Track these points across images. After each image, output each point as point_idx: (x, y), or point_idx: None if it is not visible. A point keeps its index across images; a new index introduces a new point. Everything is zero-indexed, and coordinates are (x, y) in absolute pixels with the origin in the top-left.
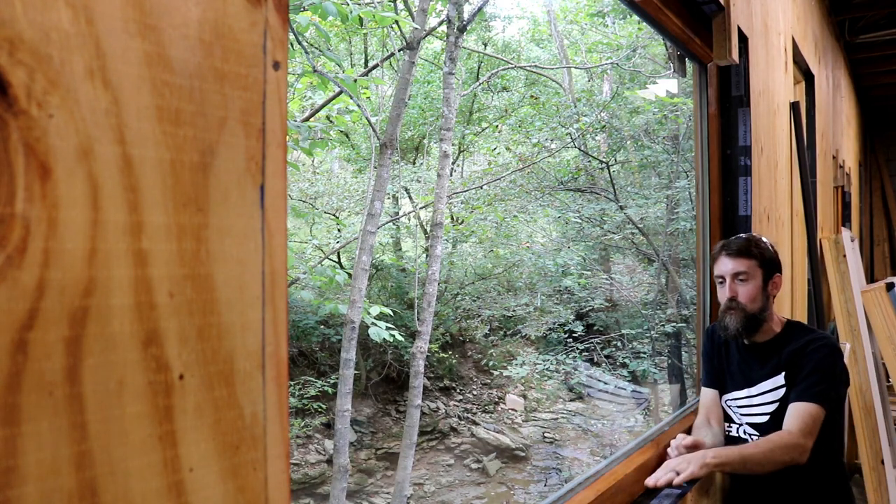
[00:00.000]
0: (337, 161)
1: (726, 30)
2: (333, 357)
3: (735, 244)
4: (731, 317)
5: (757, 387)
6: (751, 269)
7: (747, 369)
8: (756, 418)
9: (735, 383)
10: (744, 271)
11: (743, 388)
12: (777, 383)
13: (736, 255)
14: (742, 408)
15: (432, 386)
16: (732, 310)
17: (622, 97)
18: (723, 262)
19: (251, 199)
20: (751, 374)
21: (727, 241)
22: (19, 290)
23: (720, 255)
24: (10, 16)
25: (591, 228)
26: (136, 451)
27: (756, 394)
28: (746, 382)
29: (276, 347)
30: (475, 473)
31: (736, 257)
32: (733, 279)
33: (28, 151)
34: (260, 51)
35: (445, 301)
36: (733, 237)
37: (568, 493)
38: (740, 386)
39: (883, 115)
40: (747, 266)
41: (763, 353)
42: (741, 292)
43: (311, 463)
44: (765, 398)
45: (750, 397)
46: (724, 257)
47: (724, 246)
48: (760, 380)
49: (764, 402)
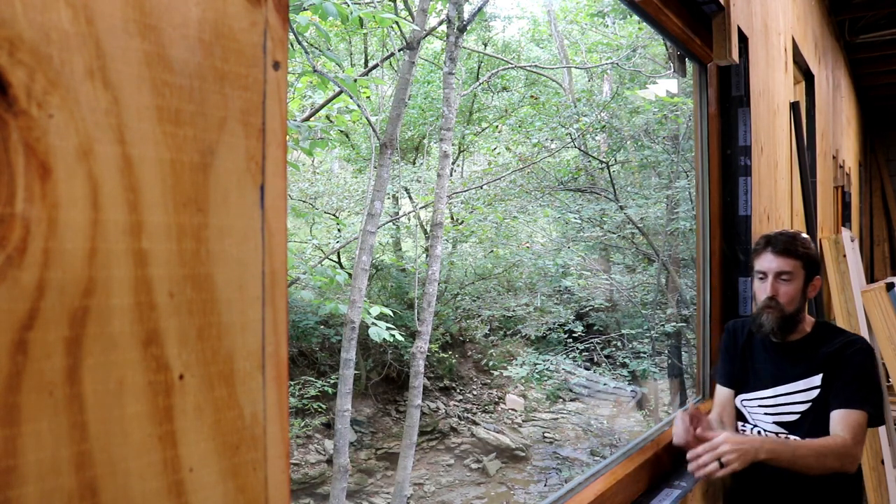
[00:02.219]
0: (337, 161)
1: (726, 30)
2: (333, 357)
3: (782, 242)
4: (768, 315)
5: (788, 385)
6: (795, 269)
7: (775, 368)
8: (785, 417)
9: (760, 382)
10: (788, 271)
11: (769, 387)
12: (812, 384)
13: (782, 253)
14: (766, 407)
15: (432, 386)
16: (771, 308)
17: (622, 97)
18: (767, 258)
19: (251, 199)
20: (780, 372)
21: (773, 237)
22: (19, 290)
23: (765, 250)
24: (10, 16)
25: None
26: (136, 451)
27: (786, 392)
28: (774, 381)
29: (276, 347)
30: (475, 473)
31: (782, 256)
32: (776, 278)
33: (28, 151)
34: (260, 51)
35: (445, 301)
36: (777, 233)
37: (568, 493)
38: (766, 385)
39: (883, 115)
40: (792, 266)
41: (794, 353)
42: (782, 292)
43: (311, 463)
44: (796, 398)
45: (778, 396)
46: (770, 254)
47: (769, 242)
48: (793, 379)
49: (795, 402)
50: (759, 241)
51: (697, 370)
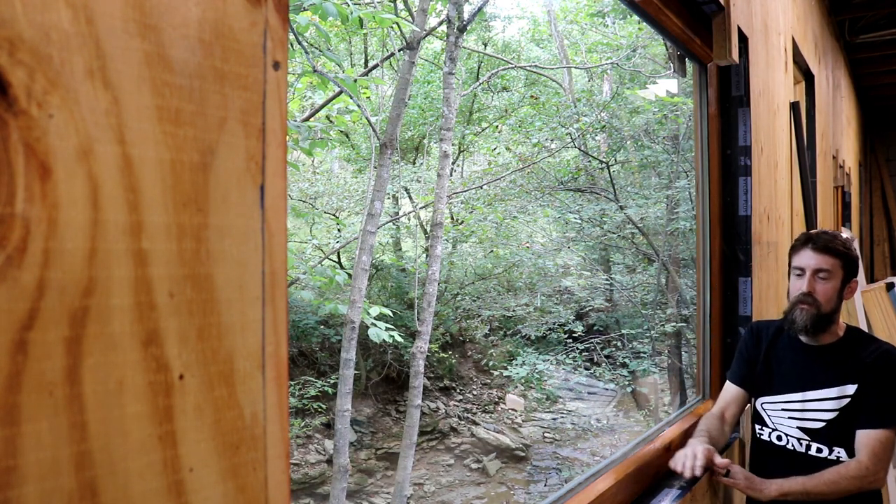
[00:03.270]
0: (337, 161)
1: (726, 30)
2: (333, 357)
3: (823, 240)
4: (802, 311)
5: (818, 391)
6: (834, 267)
7: (806, 371)
8: (811, 423)
9: (786, 385)
10: (827, 269)
11: (797, 391)
12: (844, 392)
13: (822, 251)
14: (791, 411)
15: (432, 386)
16: (806, 304)
17: (622, 97)
18: (806, 254)
19: (251, 199)
20: (810, 377)
21: (813, 235)
22: (19, 290)
23: (804, 247)
24: (10, 16)
25: (591, 228)
26: (136, 451)
27: (815, 398)
28: (803, 385)
29: (276, 347)
30: (475, 473)
31: (822, 253)
32: (814, 275)
33: (28, 151)
34: (260, 51)
35: (445, 301)
36: (820, 231)
37: (568, 493)
38: (793, 388)
39: (883, 115)
40: (831, 264)
41: (826, 357)
42: (819, 289)
43: (311, 463)
44: (825, 405)
45: (806, 401)
46: (809, 250)
47: (809, 239)
48: (824, 385)
49: (823, 409)
50: (798, 238)
51: (697, 370)
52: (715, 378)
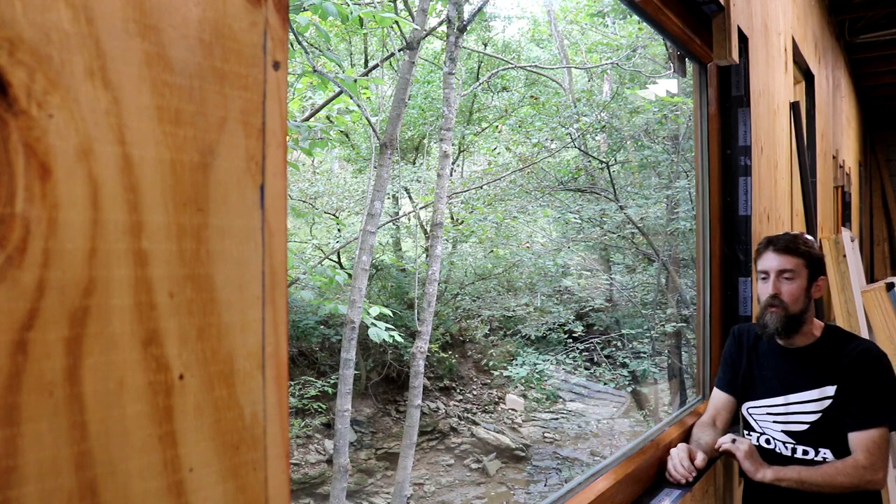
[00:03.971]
0: (337, 161)
1: (726, 30)
2: (333, 357)
3: (783, 241)
4: (771, 314)
5: (799, 395)
6: (797, 267)
7: (786, 375)
8: (794, 426)
9: (768, 389)
10: (790, 269)
11: (779, 395)
12: (825, 394)
13: (783, 251)
14: (775, 415)
15: (432, 386)
16: (774, 307)
17: (622, 97)
18: (769, 257)
19: (251, 199)
20: (791, 380)
21: (775, 237)
22: (19, 290)
23: (766, 250)
24: (10, 16)
25: (591, 228)
26: (136, 451)
27: (797, 401)
28: (784, 389)
29: (276, 347)
30: (475, 473)
31: (783, 254)
32: (778, 276)
33: (28, 151)
34: (260, 51)
35: (445, 301)
36: (781, 233)
37: (568, 493)
38: (775, 392)
39: (883, 115)
40: (794, 264)
41: (805, 359)
42: (785, 290)
43: (311, 463)
44: (807, 407)
45: (788, 405)
46: (771, 253)
47: (770, 241)
48: (804, 388)
49: (806, 411)
50: (760, 243)
51: (697, 370)
52: (715, 378)
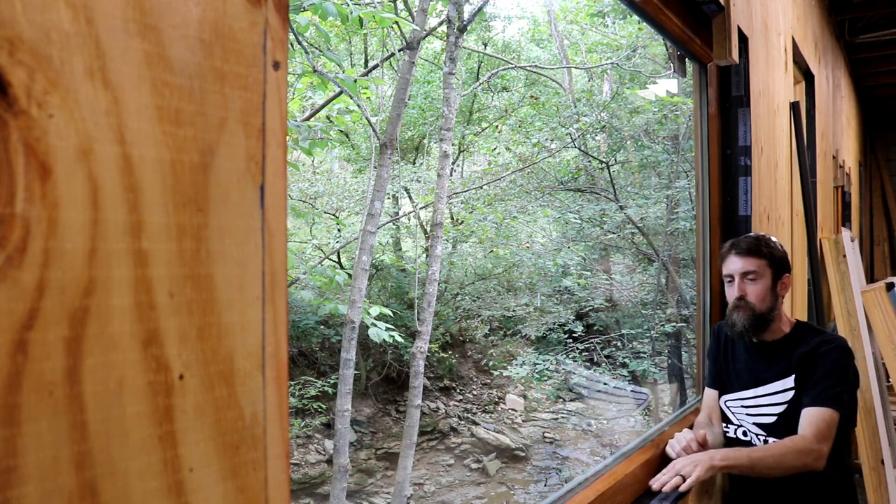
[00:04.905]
0: (337, 161)
1: (726, 30)
2: (333, 357)
3: (745, 243)
4: (738, 314)
5: (765, 387)
6: (760, 268)
7: (755, 368)
8: (763, 418)
9: (741, 382)
10: (753, 270)
11: (750, 388)
12: (786, 385)
13: (745, 254)
14: (747, 408)
15: (432, 386)
16: (740, 308)
17: (622, 97)
18: (732, 260)
19: (251, 199)
20: (759, 373)
21: (736, 240)
22: (19, 290)
23: (729, 253)
24: (10, 16)
25: (591, 228)
26: (136, 451)
27: (764, 394)
28: (754, 382)
29: (276, 347)
30: (475, 473)
31: (745, 256)
32: (742, 278)
33: (28, 151)
34: (260, 51)
35: (445, 301)
36: (742, 236)
37: (568, 493)
38: (747, 385)
39: (883, 115)
40: (757, 265)
41: (771, 353)
42: (750, 291)
43: (311, 463)
44: (773, 399)
45: (757, 397)
46: (734, 256)
47: (733, 245)
48: (769, 380)
49: (772, 403)
50: (723, 247)
51: (697, 370)
52: None
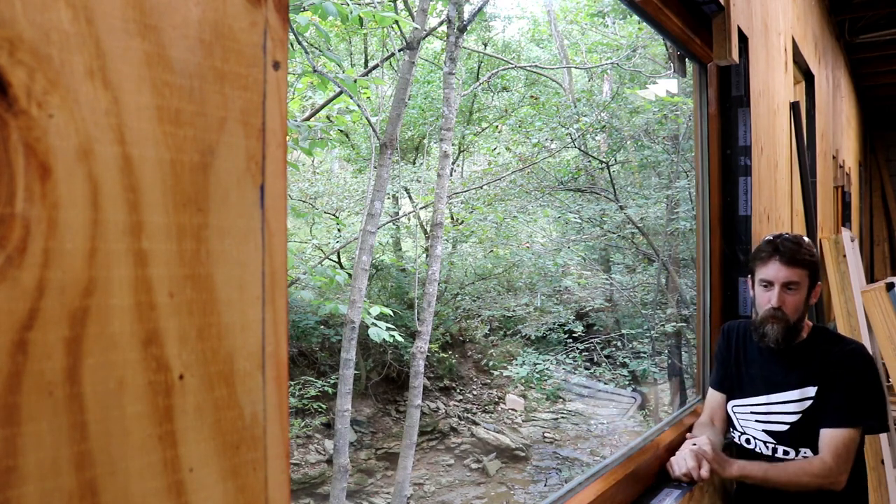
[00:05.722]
0: (337, 161)
1: (726, 30)
2: (333, 357)
3: (789, 251)
4: (773, 326)
5: (781, 394)
6: (802, 279)
7: (771, 374)
8: (775, 426)
9: (754, 388)
10: (795, 281)
11: (763, 394)
12: (806, 394)
13: (791, 263)
14: (757, 414)
15: (432, 386)
16: (776, 319)
17: (622, 97)
18: (775, 267)
19: (251, 199)
20: (775, 379)
21: (779, 244)
22: (19, 290)
23: (772, 258)
24: (10, 16)
25: (591, 228)
26: (136, 451)
27: (778, 401)
28: (768, 388)
29: (276, 347)
30: (475, 473)
31: (790, 266)
32: (783, 288)
33: (28, 151)
34: (260, 51)
35: (445, 301)
36: (782, 238)
37: (568, 493)
38: (760, 391)
39: (883, 115)
40: (799, 276)
41: (789, 359)
42: (789, 302)
43: (311, 463)
44: (788, 407)
45: (770, 404)
46: (777, 262)
47: (776, 250)
48: (787, 388)
49: (787, 412)
50: (764, 248)
51: (697, 370)
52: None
